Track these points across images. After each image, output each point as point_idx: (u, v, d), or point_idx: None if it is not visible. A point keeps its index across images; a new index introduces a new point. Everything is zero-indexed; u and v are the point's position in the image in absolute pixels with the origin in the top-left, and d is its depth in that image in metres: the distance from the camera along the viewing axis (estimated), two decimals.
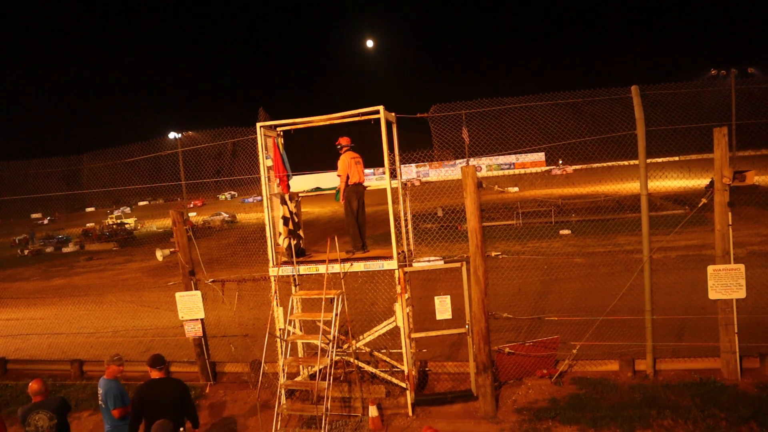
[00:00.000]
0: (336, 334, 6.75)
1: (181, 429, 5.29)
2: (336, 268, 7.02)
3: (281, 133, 7.84)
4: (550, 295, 11.11)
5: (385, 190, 6.93)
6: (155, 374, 5.32)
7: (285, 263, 7.37)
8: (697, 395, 6.34)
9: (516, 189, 22.21)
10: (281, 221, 7.50)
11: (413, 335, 7.28)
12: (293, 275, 7.54)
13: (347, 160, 7.36)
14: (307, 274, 7.40)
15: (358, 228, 7.47)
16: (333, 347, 6.68)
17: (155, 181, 10.36)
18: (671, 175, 9.38)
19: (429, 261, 7.15)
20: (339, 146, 7.51)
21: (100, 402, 5.58)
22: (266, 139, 7.52)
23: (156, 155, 10.02)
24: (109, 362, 5.68)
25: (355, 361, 7.31)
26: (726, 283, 6.53)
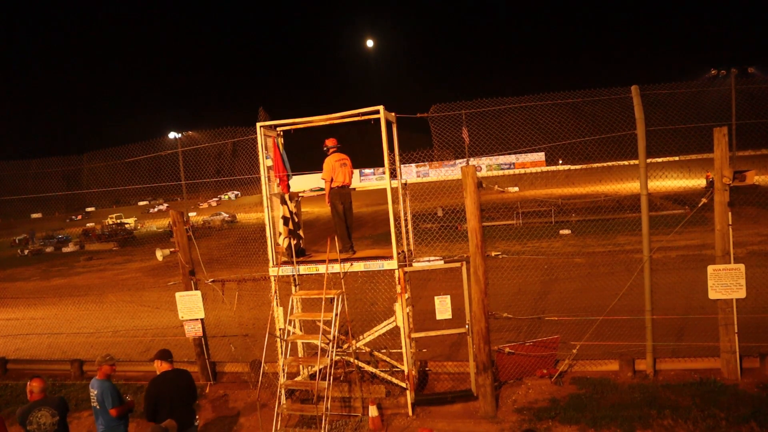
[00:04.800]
0: (336, 334, 6.74)
1: (197, 417, 5.54)
2: (336, 268, 7.02)
3: (281, 133, 7.83)
4: (550, 295, 11.10)
5: (385, 190, 6.93)
6: (166, 366, 5.45)
7: (285, 263, 7.37)
8: (697, 395, 6.34)
9: (516, 189, 22.22)
10: (281, 221, 7.50)
11: (413, 335, 7.27)
12: (293, 275, 7.54)
13: (332, 162, 7.35)
14: (307, 274, 7.40)
15: (347, 229, 7.48)
16: (333, 347, 6.68)
17: (155, 181, 10.36)
18: (671, 175, 9.38)
19: (429, 261, 7.15)
20: (325, 148, 7.50)
21: (94, 403, 5.54)
22: (266, 139, 7.52)
23: (156, 155, 10.02)
24: (101, 363, 5.66)
25: (355, 361, 7.31)
26: (726, 283, 6.52)
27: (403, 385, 7.00)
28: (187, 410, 5.42)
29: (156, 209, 48.00)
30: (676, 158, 9.80)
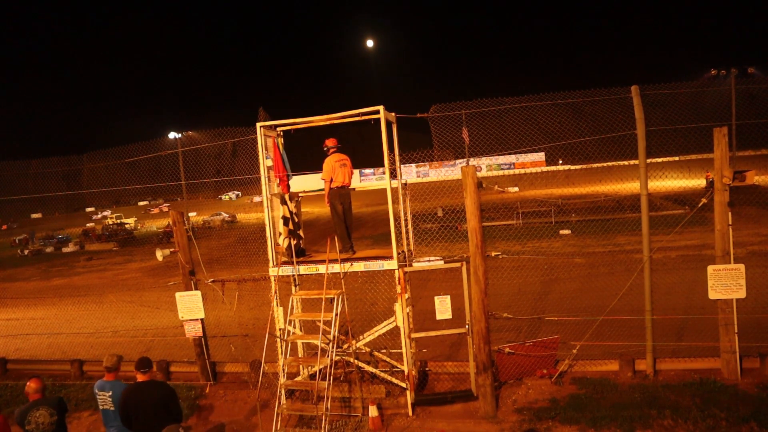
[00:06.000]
0: (336, 334, 6.75)
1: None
2: (336, 268, 7.02)
3: (281, 133, 7.84)
4: (550, 295, 11.10)
5: (385, 190, 6.93)
6: (140, 377, 5.28)
7: (285, 263, 7.37)
8: (697, 395, 6.34)
9: (516, 189, 22.23)
10: (281, 221, 7.51)
11: (413, 335, 7.27)
12: (293, 275, 7.54)
13: (332, 162, 7.36)
14: (307, 274, 7.40)
15: (346, 229, 7.48)
16: (333, 347, 6.68)
17: (155, 181, 10.36)
18: (671, 175, 9.38)
19: (429, 261, 7.15)
20: (326, 148, 7.51)
21: (106, 406, 5.41)
22: (266, 139, 7.52)
23: (156, 155, 10.02)
24: (118, 363, 5.62)
25: (355, 361, 7.31)
26: (726, 283, 6.53)
27: (403, 385, 7.00)
28: (152, 429, 4.94)
29: (100, 215, 44.41)
30: (676, 158, 9.80)
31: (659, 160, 8.96)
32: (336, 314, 6.68)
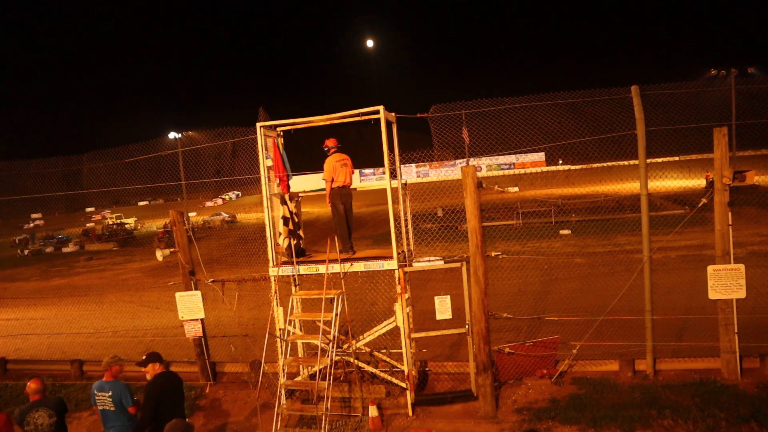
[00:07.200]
0: (336, 334, 6.75)
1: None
2: (336, 268, 7.02)
3: (281, 133, 7.84)
4: (550, 295, 11.10)
5: (385, 190, 6.93)
6: (159, 368, 5.45)
7: (285, 263, 7.37)
8: (697, 395, 6.34)
9: (516, 189, 22.22)
10: (281, 221, 7.51)
11: (413, 335, 7.27)
12: (293, 275, 7.54)
13: (332, 162, 7.36)
14: (307, 274, 7.40)
15: (347, 230, 7.48)
16: (333, 347, 6.68)
17: (155, 181, 10.36)
18: (671, 175, 9.39)
19: (429, 261, 7.15)
20: (326, 148, 7.51)
21: (106, 406, 5.40)
22: (266, 139, 7.52)
23: (156, 155, 10.02)
24: (111, 363, 5.62)
25: (355, 361, 7.31)
26: (726, 283, 6.52)
27: (403, 385, 7.00)
28: (182, 413, 5.43)
29: (33, 224, 38.76)
30: (676, 158, 9.80)
31: (659, 160, 8.97)
32: (336, 314, 6.68)
